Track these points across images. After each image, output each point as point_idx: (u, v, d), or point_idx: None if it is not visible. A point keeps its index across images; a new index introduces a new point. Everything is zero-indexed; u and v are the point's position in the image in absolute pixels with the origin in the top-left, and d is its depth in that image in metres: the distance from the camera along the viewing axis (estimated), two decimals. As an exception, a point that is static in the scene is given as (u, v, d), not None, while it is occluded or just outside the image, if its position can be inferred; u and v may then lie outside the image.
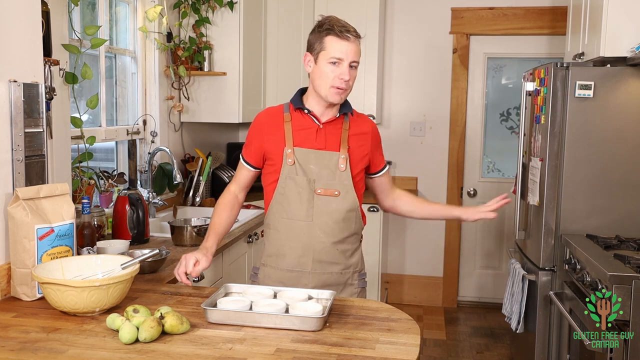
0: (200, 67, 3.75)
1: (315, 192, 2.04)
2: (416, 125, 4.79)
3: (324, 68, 1.99)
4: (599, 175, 2.95)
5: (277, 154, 2.06)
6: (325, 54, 1.99)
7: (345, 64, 1.98)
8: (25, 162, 1.94)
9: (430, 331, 4.30)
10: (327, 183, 2.05)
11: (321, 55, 2.00)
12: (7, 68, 1.90)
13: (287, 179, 2.05)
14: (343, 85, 1.99)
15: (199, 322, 1.67)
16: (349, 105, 2.12)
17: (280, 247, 2.10)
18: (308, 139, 2.06)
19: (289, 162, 2.04)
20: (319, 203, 2.04)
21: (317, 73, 2.02)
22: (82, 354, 1.48)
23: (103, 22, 3.02)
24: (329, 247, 2.06)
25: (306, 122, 2.08)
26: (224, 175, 3.99)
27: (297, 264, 2.07)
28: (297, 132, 2.06)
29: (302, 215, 2.05)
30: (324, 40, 1.99)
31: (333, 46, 1.98)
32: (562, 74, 2.94)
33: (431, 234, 4.85)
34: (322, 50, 1.99)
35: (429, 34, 4.71)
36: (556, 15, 4.47)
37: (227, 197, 2.17)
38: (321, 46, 2.00)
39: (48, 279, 1.69)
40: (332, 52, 1.97)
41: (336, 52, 1.97)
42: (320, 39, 2.01)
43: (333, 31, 1.98)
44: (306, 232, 2.05)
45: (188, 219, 2.83)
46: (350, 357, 1.47)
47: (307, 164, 2.04)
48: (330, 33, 1.99)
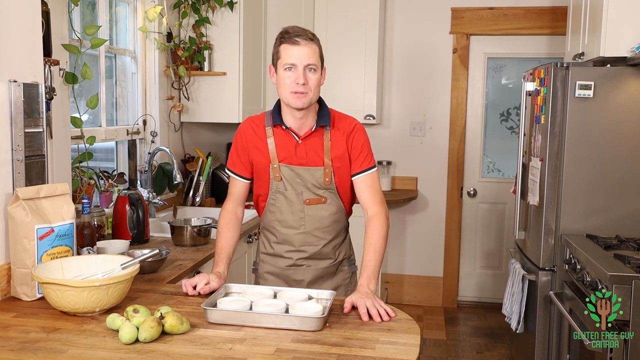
0: (200, 67, 3.75)
1: (304, 203, 2.12)
2: (416, 125, 4.79)
3: (281, 75, 2.02)
4: (599, 175, 2.95)
5: (263, 169, 2.12)
6: (281, 62, 2.02)
7: (300, 68, 1.99)
8: (25, 162, 1.94)
9: (430, 331, 4.30)
10: (314, 193, 2.12)
11: (278, 64, 2.03)
12: (7, 68, 1.90)
13: (276, 192, 2.13)
14: (301, 89, 1.99)
15: (199, 322, 1.67)
16: (328, 116, 2.11)
17: (277, 249, 2.21)
18: (290, 154, 2.10)
19: (276, 177, 2.11)
20: (309, 212, 2.13)
21: (278, 83, 2.05)
22: (82, 354, 1.48)
23: (103, 22, 3.02)
24: (322, 248, 2.17)
25: (287, 137, 2.10)
26: (224, 175, 3.99)
27: (294, 264, 2.19)
28: (279, 147, 2.10)
29: (295, 224, 2.14)
30: (279, 50, 2.03)
31: (286, 53, 2.01)
32: (562, 74, 2.94)
33: (431, 234, 4.85)
34: (278, 59, 2.03)
35: (429, 34, 4.71)
36: (556, 15, 4.47)
37: (226, 217, 2.17)
38: (277, 55, 2.04)
39: (48, 279, 1.69)
40: (285, 59, 2.00)
41: (289, 58, 2.00)
42: (276, 49, 2.05)
43: (284, 39, 2.02)
44: (300, 238, 2.15)
45: (188, 219, 2.83)
46: (350, 357, 1.47)
47: (294, 178, 2.11)
48: (283, 41, 2.02)
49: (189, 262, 2.40)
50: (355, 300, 1.80)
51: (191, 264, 2.38)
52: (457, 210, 4.80)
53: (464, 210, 4.83)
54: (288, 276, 2.19)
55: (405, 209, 4.86)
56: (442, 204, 4.82)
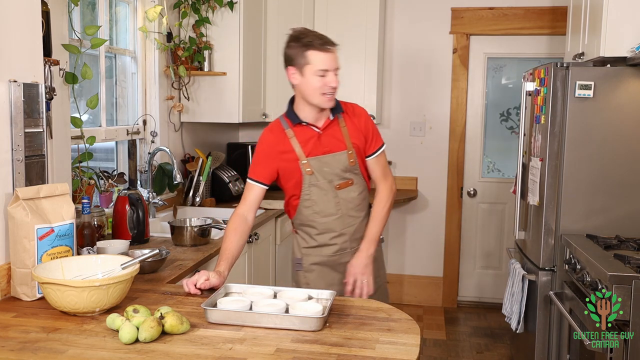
0: (200, 67, 3.75)
1: (335, 188, 2.28)
2: (416, 125, 4.79)
3: (312, 80, 2.16)
4: (599, 175, 2.95)
5: (293, 168, 2.26)
6: (311, 67, 2.15)
7: (331, 73, 2.16)
8: (25, 162, 1.94)
9: (430, 331, 4.30)
10: (342, 177, 2.30)
11: (307, 69, 2.16)
12: (7, 68, 1.90)
13: (310, 186, 2.28)
14: (331, 92, 2.18)
15: (199, 322, 1.67)
16: (339, 105, 2.29)
17: (320, 240, 2.34)
18: (315, 147, 2.26)
19: (308, 172, 2.26)
20: (342, 195, 2.30)
21: (305, 85, 2.18)
22: (82, 354, 1.48)
23: (103, 22, 3.02)
24: (357, 226, 2.36)
25: (307, 132, 2.26)
26: (224, 175, 3.99)
27: (339, 249, 2.35)
28: (303, 143, 2.26)
29: (332, 211, 2.31)
30: (307, 55, 2.14)
31: (317, 59, 2.14)
32: (562, 74, 2.94)
33: (431, 234, 4.85)
34: (307, 64, 2.15)
35: (429, 34, 4.71)
36: (556, 15, 4.47)
37: (236, 221, 2.23)
38: (305, 60, 2.15)
39: (48, 279, 1.69)
40: (318, 66, 2.14)
41: (322, 64, 2.14)
42: (301, 54, 2.15)
43: (313, 45, 2.14)
44: (339, 223, 2.32)
45: (188, 219, 2.83)
46: (350, 357, 1.47)
47: (322, 168, 2.26)
48: (311, 47, 2.14)
49: (189, 262, 2.40)
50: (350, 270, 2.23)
51: (191, 264, 2.38)
52: (457, 210, 4.80)
53: (464, 210, 4.83)
54: (335, 261, 2.34)
55: (405, 209, 4.86)
56: (442, 204, 4.82)
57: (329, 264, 2.35)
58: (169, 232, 2.72)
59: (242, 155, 4.44)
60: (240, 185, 4.08)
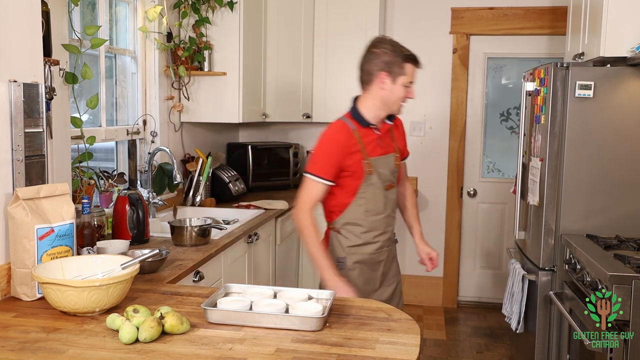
0: (200, 67, 3.75)
1: (385, 189, 2.44)
2: (416, 125, 4.79)
3: (399, 89, 2.36)
4: (599, 175, 2.95)
5: (357, 167, 2.38)
6: (404, 79, 2.35)
7: (413, 85, 2.41)
8: (25, 162, 1.94)
9: (430, 331, 4.30)
10: (389, 179, 2.47)
11: (400, 79, 2.35)
12: (7, 68, 1.90)
13: (367, 185, 2.39)
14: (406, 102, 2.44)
15: (199, 322, 1.67)
16: None
17: (365, 238, 2.43)
18: (375, 148, 2.41)
19: (369, 171, 2.38)
20: (388, 196, 2.47)
21: (391, 92, 2.37)
22: (82, 354, 1.48)
23: (103, 22, 3.02)
24: (394, 226, 2.56)
25: (370, 134, 2.41)
26: (224, 175, 3.99)
27: (379, 247, 2.47)
28: (367, 145, 2.39)
29: (381, 210, 2.44)
30: (404, 66, 2.35)
31: (411, 73, 2.37)
32: (562, 74, 2.94)
33: (431, 234, 4.84)
34: (401, 74, 2.34)
35: (429, 34, 4.71)
36: (556, 15, 4.47)
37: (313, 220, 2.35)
38: (401, 71, 2.34)
39: (48, 279, 1.69)
40: (409, 78, 2.37)
41: (412, 78, 2.38)
42: (399, 64, 2.34)
43: (412, 60, 2.37)
44: (384, 222, 2.47)
45: (188, 219, 2.83)
46: (350, 357, 1.47)
47: (378, 168, 2.41)
48: (409, 61, 2.36)
49: (189, 262, 2.40)
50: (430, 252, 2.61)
51: (191, 264, 2.38)
52: (457, 210, 4.80)
53: (464, 210, 4.83)
54: (374, 259, 2.46)
55: (405, 209, 4.86)
56: (442, 204, 4.82)
57: (369, 262, 2.45)
58: (169, 232, 2.72)
59: (242, 155, 4.44)
60: (240, 185, 4.08)
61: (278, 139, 4.93)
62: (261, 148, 4.53)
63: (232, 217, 3.49)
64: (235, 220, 3.39)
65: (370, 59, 2.37)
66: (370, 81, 2.38)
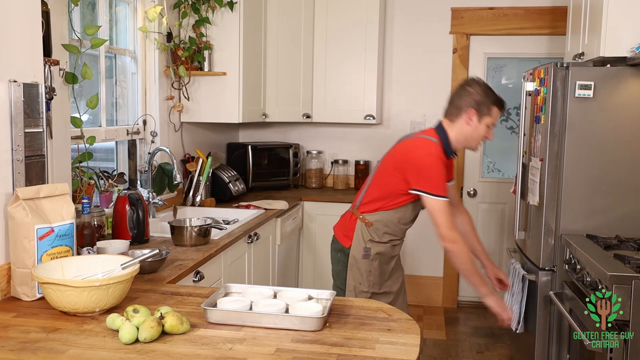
0: (200, 67, 3.75)
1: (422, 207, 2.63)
2: (416, 125, 4.78)
3: (482, 128, 2.59)
4: (599, 175, 2.95)
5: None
6: (489, 120, 2.58)
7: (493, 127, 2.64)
8: (25, 162, 1.94)
9: (430, 331, 4.30)
10: None
11: (485, 119, 2.57)
12: (7, 68, 1.90)
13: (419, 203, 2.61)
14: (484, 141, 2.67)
15: (199, 322, 1.67)
16: None
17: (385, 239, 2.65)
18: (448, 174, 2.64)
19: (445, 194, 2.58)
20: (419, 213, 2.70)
21: (475, 130, 2.59)
22: (82, 354, 1.48)
23: (103, 22, 3.02)
24: None
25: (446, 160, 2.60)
26: (224, 175, 3.99)
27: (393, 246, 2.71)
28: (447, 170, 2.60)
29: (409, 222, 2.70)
30: (492, 109, 2.57)
31: (496, 117, 2.60)
32: (562, 74, 2.94)
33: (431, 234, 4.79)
34: (488, 115, 2.57)
35: (429, 34, 4.71)
36: (556, 15, 4.46)
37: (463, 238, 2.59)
38: (488, 112, 2.57)
39: (48, 279, 1.69)
40: (493, 121, 2.60)
41: (495, 121, 2.61)
42: (488, 105, 2.56)
43: (500, 104, 2.60)
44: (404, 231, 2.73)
45: (188, 219, 2.83)
46: (350, 357, 1.47)
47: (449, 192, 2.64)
48: (498, 105, 2.58)
49: (189, 262, 2.40)
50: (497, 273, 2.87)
51: (191, 264, 2.38)
52: (457, 210, 4.80)
53: (464, 210, 4.83)
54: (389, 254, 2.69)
55: (405, 209, 4.85)
56: (442, 204, 4.81)
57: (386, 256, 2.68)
58: (169, 232, 2.72)
59: (242, 155, 4.44)
60: (240, 185, 4.07)
61: (278, 139, 4.93)
62: (261, 148, 4.53)
63: (232, 217, 3.49)
64: (235, 220, 3.39)
65: (463, 96, 2.61)
66: (458, 115, 2.61)
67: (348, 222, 2.71)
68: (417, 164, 2.52)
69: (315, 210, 4.31)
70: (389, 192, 2.61)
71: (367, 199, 2.67)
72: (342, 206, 3.18)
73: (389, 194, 2.61)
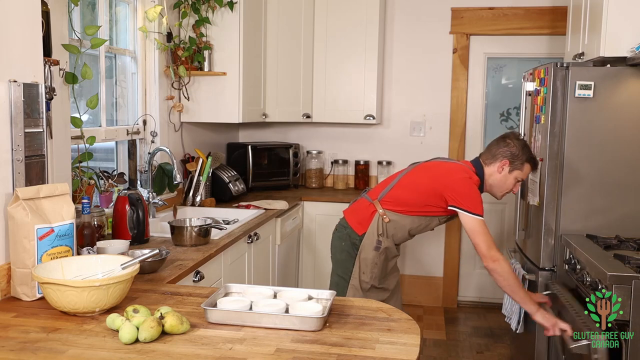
0: (200, 67, 3.75)
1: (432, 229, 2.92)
2: (416, 125, 4.79)
3: (510, 180, 2.75)
4: (599, 175, 2.95)
5: None
6: (519, 174, 2.74)
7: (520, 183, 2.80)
8: (25, 162, 1.94)
9: (430, 331, 4.30)
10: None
11: (516, 172, 2.74)
12: (7, 68, 1.90)
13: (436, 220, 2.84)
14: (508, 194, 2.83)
15: (199, 322, 1.67)
16: None
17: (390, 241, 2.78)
18: None
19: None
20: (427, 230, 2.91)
21: (504, 180, 2.76)
22: (82, 354, 1.48)
23: (103, 22, 3.02)
24: None
25: None
26: (224, 175, 3.99)
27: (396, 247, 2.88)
28: None
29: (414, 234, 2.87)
30: (525, 165, 2.74)
31: (525, 173, 2.77)
32: (562, 74, 2.94)
33: (431, 234, 4.83)
34: (519, 169, 2.73)
35: (429, 34, 4.71)
36: (556, 15, 4.46)
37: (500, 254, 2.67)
38: (521, 167, 2.73)
39: (48, 279, 1.69)
40: (522, 176, 2.77)
41: (524, 177, 2.78)
42: (522, 160, 2.73)
43: (533, 163, 2.77)
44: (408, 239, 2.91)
45: (188, 219, 2.83)
46: (350, 357, 1.47)
47: None
48: (531, 163, 2.75)
49: (189, 262, 2.40)
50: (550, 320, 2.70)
51: (191, 264, 2.38)
52: (457, 210, 4.80)
53: (464, 210, 4.82)
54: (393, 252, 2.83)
55: (405, 209, 4.85)
56: (442, 204, 4.81)
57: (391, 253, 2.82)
58: (169, 232, 2.72)
59: (242, 155, 4.44)
60: (240, 185, 4.08)
61: (278, 139, 4.93)
62: (261, 148, 4.53)
63: (232, 217, 3.49)
64: (235, 220, 3.39)
65: (501, 145, 2.76)
66: (492, 162, 2.76)
67: (365, 212, 2.80)
68: (458, 183, 2.67)
69: (315, 210, 4.30)
70: (420, 201, 2.76)
71: (393, 198, 2.77)
72: (342, 206, 3.17)
73: (417, 203, 2.76)
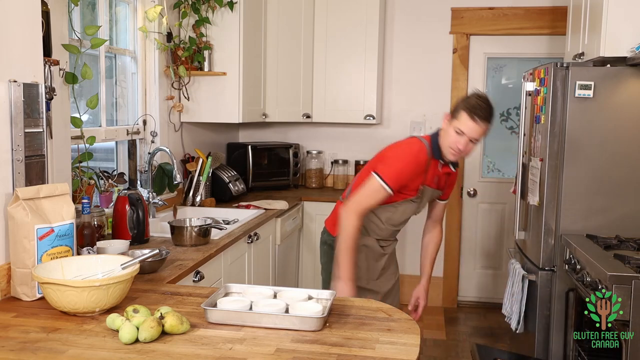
0: (200, 67, 3.75)
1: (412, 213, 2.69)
2: (416, 125, 4.79)
3: (451, 134, 2.46)
4: (599, 175, 2.95)
5: (412, 187, 2.57)
6: (457, 124, 2.44)
7: (465, 137, 2.43)
8: (25, 162, 1.94)
9: (430, 331, 4.30)
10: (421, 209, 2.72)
11: (453, 122, 2.46)
12: (7, 68, 1.90)
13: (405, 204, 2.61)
14: (456, 151, 2.47)
15: (199, 322, 1.67)
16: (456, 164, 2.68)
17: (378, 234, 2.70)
18: (432, 179, 2.60)
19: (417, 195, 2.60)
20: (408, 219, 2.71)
21: (445, 134, 2.50)
22: (82, 354, 1.48)
23: (103, 22, 3.02)
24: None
25: (435, 165, 2.58)
26: (224, 175, 3.99)
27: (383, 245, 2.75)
28: (429, 173, 2.57)
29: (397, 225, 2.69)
30: (460, 113, 2.44)
31: (462, 121, 2.43)
32: (562, 74, 2.94)
33: (431, 234, 4.84)
34: (455, 119, 2.45)
35: (429, 34, 4.71)
36: (556, 15, 4.46)
37: (359, 224, 2.48)
38: (457, 115, 2.45)
39: (48, 279, 1.69)
40: (459, 125, 2.43)
41: (462, 126, 2.42)
42: (458, 110, 2.45)
43: (468, 110, 2.41)
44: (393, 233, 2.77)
45: (188, 219, 2.83)
46: (350, 357, 1.47)
47: (424, 197, 2.65)
48: (466, 110, 2.42)
49: (189, 262, 2.40)
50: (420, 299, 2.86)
51: (191, 264, 2.38)
52: (457, 210, 4.80)
53: (464, 210, 4.83)
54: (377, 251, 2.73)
55: (405, 209, 4.85)
56: (442, 204, 4.81)
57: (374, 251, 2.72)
58: (169, 232, 2.72)
59: (242, 155, 4.44)
60: (240, 185, 4.08)
61: (278, 139, 4.93)
62: (261, 148, 4.53)
63: (232, 217, 3.49)
64: (235, 220, 3.39)
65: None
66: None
67: (337, 212, 2.64)
68: (388, 153, 2.56)
69: (315, 210, 4.30)
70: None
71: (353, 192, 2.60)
72: (342, 206, 3.17)
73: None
